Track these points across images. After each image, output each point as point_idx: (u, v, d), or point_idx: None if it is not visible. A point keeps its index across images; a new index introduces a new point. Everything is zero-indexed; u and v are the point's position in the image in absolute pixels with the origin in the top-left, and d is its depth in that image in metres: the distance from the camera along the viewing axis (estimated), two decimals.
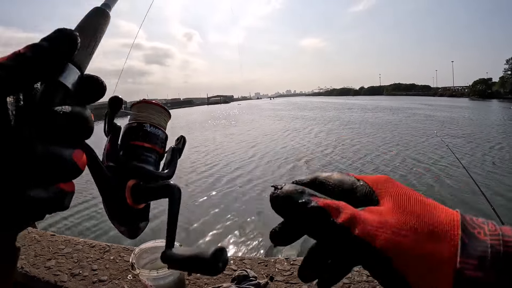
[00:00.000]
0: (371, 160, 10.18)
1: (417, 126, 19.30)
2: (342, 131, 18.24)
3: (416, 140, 13.27)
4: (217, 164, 10.77)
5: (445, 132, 15.34)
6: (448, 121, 21.42)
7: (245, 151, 13.16)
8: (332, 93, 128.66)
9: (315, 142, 14.35)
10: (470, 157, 9.99)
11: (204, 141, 17.08)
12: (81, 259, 1.53)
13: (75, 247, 1.68)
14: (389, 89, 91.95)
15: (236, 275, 1.13)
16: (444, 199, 6.55)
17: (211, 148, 14.53)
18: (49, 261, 1.57)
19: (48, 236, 1.90)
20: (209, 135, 21.02)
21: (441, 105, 36.11)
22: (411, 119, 24.24)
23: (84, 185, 9.87)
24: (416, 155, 10.61)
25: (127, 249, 1.55)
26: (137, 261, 1.11)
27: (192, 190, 8.24)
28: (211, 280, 1.21)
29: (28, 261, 1.60)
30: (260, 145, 14.39)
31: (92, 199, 8.31)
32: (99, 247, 1.62)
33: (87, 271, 1.41)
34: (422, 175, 8.25)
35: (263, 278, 1.18)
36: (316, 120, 27.41)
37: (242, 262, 1.34)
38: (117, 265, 1.43)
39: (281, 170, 9.49)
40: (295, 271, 1.32)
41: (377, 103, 48.52)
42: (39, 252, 1.68)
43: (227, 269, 1.32)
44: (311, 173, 0.40)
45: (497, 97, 47.88)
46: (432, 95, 70.82)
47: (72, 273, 1.42)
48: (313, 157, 11.06)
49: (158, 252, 1.32)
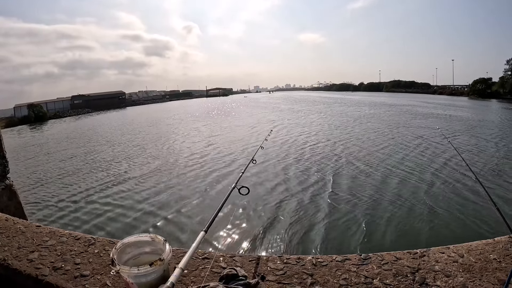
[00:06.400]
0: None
1: (392, 119, 20.79)
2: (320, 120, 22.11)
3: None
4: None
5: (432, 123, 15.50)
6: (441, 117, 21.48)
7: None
8: (332, 88, 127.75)
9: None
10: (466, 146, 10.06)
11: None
12: (64, 252, 1.46)
13: (59, 239, 1.60)
14: (388, 86, 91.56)
15: (225, 273, 1.05)
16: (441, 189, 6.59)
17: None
18: (32, 254, 1.50)
19: (33, 227, 1.83)
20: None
21: (440, 103, 36.16)
22: (389, 113, 25.85)
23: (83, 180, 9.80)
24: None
25: (112, 242, 1.47)
26: (119, 256, 1.03)
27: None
28: (198, 278, 1.14)
29: (11, 253, 1.53)
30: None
31: (85, 191, 8.27)
32: (84, 240, 1.55)
33: (69, 265, 1.34)
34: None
35: (253, 278, 1.13)
36: (302, 112, 29.92)
37: (233, 260, 1.27)
38: (101, 259, 1.36)
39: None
40: (288, 270, 1.27)
41: (373, 99, 48.63)
42: (23, 244, 1.61)
43: (215, 267, 1.25)
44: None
45: (496, 97, 47.83)
46: (432, 93, 70.63)
47: (54, 267, 1.35)
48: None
49: (143, 247, 1.23)
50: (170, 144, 15.14)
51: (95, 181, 9.06)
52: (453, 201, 6.33)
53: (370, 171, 8.67)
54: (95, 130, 25.36)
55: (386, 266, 1.27)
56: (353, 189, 7.24)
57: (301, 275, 1.23)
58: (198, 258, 1.35)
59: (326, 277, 1.22)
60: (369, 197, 6.74)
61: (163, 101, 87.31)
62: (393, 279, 1.19)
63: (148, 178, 9.05)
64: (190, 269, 1.25)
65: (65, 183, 9.15)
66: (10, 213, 2.27)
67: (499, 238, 1.45)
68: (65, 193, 8.15)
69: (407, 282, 1.17)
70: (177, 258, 1.26)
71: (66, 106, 60.97)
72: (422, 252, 1.37)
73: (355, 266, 1.28)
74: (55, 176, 10.15)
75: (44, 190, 8.60)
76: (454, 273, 1.20)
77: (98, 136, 20.64)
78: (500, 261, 1.25)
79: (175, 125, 24.25)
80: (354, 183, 7.73)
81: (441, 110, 27.18)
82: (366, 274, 1.22)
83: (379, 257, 1.34)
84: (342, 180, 7.98)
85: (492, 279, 1.15)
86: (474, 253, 1.32)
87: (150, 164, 10.87)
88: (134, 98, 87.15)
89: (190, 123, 25.40)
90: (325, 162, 9.83)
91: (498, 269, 1.20)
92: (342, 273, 1.24)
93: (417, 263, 1.28)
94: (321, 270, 1.27)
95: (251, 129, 19.25)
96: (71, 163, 12.12)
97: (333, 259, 1.35)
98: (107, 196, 7.69)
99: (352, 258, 1.34)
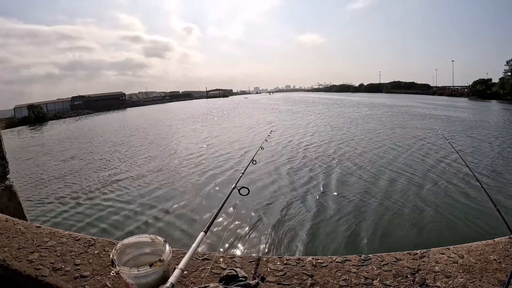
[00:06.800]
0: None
1: (392, 120, 20.78)
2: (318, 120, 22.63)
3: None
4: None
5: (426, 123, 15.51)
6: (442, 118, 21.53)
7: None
8: (332, 89, 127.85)
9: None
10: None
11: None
12: (64, 253, 1.46)
13: (59, 240, 1.60)
14: (388, 87, 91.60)
15: (225, 274, 1.06)
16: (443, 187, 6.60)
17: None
18: (32, 254, 1.50)
19: (33, 228, 1.83)
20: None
21: (440, 104, 36.21)
22: (389, 114, 26.05)
23: (82, 179, 9.79)
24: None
25: (112, 243, 1.48)
26: (119, 257, 1.03)
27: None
28: (198, 279, 1.14)
29: (11, 253, 1.53)
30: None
31: (88, 193, 8.26)
32: (84, 241, 1.55)
33: (69, 266, 1.34)
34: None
35: (253, 278, 1.13)
36: (300, 112, 30.52)
37: (232, 261, 1.28)
38: (100, 260, 1.36)
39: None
40: (288, 271, 1.27)
41: (372, 100, 48.78)
42: (23, 245, 1.61)
43: (215, 268, 1.25)
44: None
45: (496, 98, 47.83)
46: (432, 94, 70.66)
47: (54, 268, 1.35)
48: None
49: (142, 248, 1.23)
50: (171, 145, 15.15)
51: (95, 182, 9.06)
52: (453, 202, 6.33)
53: (369, 172, 8.67)
54: (95, 131, 25.37)
55: (386, 267, 1.27)
56: (353, 190, 7.24)
57: (301, 276, 1.23)
58: (198, 259, 1.35)
59: (326, 278, 1.22)
60: (369, 197, 6.74)
61: (163, 102, 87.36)
62: (393, 280, 1.19)
63: (148, 179, 9.05)
64: (190, 270, 1.25)
65: (65, 184, 9.15)
66: (10, 214, 2.27)
67: (499, 239, 1.45)
68: (65, 193, 8.15)
69: (407, 283, 1.17)
70: (177, 259, 1.26)
71: (66, 107, 61.03)
72: (422, 253, 1.37)
73: (355, 267, 1.28)
74: (55, 177, 10.15)
75: (44, 191, 8.59)
76: (454, 274, 1.20)
77: (98, 137, 20.65)
78: (500, 262, 1.25)
79: (175, 126, 24.27)
80: (354, 184, 7.73)
81: (441, 111, 27.20)
82: (366, 275, 1.22)
83: (379, 258, 1.34)
84: (342, 181, 7.97)
85: (492, 280, 1.15)
86: (474, 254, 1.32)
87: (150, 165, 10.87)
88: (134, 99, 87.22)
89: (190, 124, 25.44)
90: (326, 163, 9.83)
91: (498, 269, 1.20)
92: (342, 274, 1.24)
93: (417, 264, 1.28)
94: (321, 271, 1.27)
95: (251, 130, 19.28)
96: (71, 164, 12.12)
97: (333, 260, 1.35)
98: (107, 197, 7.69)
99: (352, 259, 1.34)
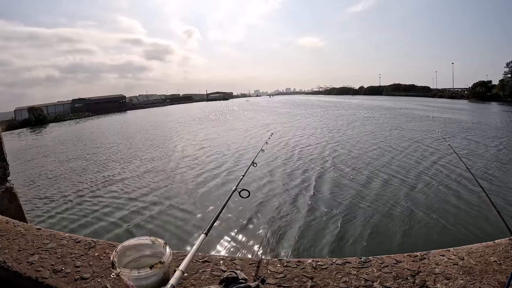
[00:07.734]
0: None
1: (385, 121, 21.17)
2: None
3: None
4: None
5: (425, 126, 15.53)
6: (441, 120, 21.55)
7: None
8: (332, 92, 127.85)
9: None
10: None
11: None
12: (64, 255, 1.46)
13: (59, 242, 1.61)
14: (388, 89, 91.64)
15: (225, 276, 1.06)
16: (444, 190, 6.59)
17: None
18: (32, 256, 1.50)
19: (34, 230, 1.83)
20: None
21: (440, 107, 36.27)
22: (387, 116, 26.02)
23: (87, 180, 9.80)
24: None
25: (112, 245, 1.48)
26: (119, 259, 1.03)
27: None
28: (198, 281, 1.14)
29: (11, 255, 1.53)
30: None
31: (88, 194, 8.26)
32: (84, 243, 1.55)
33: (69, 268, 1.34)
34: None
35: (254, 281, 1.13)
36: (300, 115, 30.84)
37: (233, 263, 1.28)
38: (101, 262, 1.36)
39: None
40: (288, 274, 1.27)
41: (372, 103, 48.88)
42: (23, 247, 1.61)
43: (216, 270, 1.26)
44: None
45: (496, 100, 47.86)
46: (432, 96, 70.73)
47: (54, 270, 1.35)
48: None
49: (143, 250, 1.23)
50: (172, 147, 15.17)
51: (95, 184, 9.06)
52: (453, 204, 6.32)
53: (369, 174, 8.67)
54: (95, 133, 25.41)
55: (386, 269, 1.27)
56: (354, 193, 7.24)
57: (301, 278, 1.23)
58: (199, 261, 1.35)
59: (326, 280, 1.22)
60: (369, 200, 6.73)
61: (164, 105, 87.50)
62: (393, 282, 1.19)
63: (149, 181, 9.05)
64: (190, 272, 1.25)
65: (65, 186, 9.15)
66: (10, 216, 2.27)
67: (499, 241, 1.44)
68: (66, 195, 8.15)
69: (407, 285, 1.17)
70: (177, 261, 1.26)
71: (67, 110, 61.16)
72: (422, 254, 1.37)
73: (355, 269, 1.28)
74: (56, 179, 10.15)
75: (44, 193, 8.59)
76: (454, 276, 1.20)
77: (99, 139, 20.67)
78: (500, 264, 1.25)
79: (177, 128, 24.31)
80: (355, 186, 7.72)
81: (441, 113, 27.22)
82: (366, 277, 1.22)
83: (379, 260, 1.34)
84: (343, 184, 7.97)
85: (493, 281, 1.15)
86: (474, 256, 1.32)
87: (151, 167, 10.87)
88: (134, 102, 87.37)
89: (191, 126, 25.47)
90: (327, 166, 9.83)
91: (498, 271, 1.20)
92: (342, 276, 1.24)
93: (417, 266, 1.28)
94: (321, 273, 1.27)
95: (251, 133, 19.31)
96: (71, 166, 12.13)
97: (333, 262, 1.35)
98: (108, 199, 7.69)
99: (352, 261, 1.34)
